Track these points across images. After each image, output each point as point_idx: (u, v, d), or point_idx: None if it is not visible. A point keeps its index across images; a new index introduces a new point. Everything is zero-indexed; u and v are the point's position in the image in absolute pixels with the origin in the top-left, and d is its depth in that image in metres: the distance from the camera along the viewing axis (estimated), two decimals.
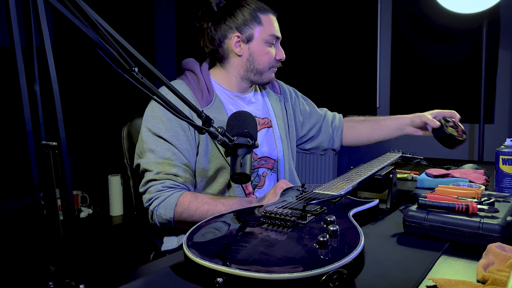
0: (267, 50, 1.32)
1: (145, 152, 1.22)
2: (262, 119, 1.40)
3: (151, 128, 1.23)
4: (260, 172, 1.36)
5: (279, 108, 1.46)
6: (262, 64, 1.33)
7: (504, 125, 2.62)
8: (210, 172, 1.27)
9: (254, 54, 1.31)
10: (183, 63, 1.38)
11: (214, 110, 1.27)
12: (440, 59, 2.78)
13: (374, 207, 0.98)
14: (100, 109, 3.36)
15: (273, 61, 1.34)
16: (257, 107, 1.42)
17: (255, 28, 1.30)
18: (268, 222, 0.81)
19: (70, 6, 0.63)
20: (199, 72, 1.33)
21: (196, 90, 1.29)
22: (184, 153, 1.22)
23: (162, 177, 1.19)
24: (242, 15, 1.30)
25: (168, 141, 1.21)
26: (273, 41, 1.33)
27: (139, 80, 0.73)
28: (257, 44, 1.31)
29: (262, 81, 1.37)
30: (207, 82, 1.32)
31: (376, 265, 0.74)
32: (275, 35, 1.33)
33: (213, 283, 0.63)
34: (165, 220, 1.19)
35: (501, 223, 0.81)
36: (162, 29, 3.98)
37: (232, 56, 1.33)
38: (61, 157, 0.60)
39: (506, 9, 2.55)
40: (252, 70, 1.33)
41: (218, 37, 1.31)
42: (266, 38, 1.31)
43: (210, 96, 1.29)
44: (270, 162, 1.39)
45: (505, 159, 1.15)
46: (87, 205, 2.86)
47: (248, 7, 1.31)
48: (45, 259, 0.61)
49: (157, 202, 1.18)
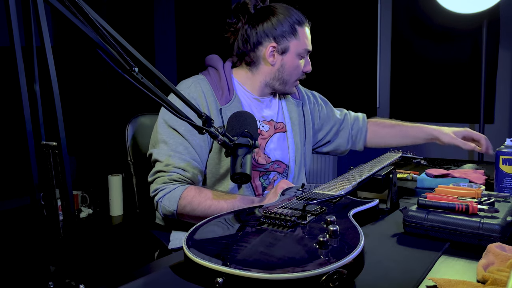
0: (298, 63, 1.34)
1: (159, 142, 1.24)
2: (277, 123, 1.41)
3: (167, 120, 1.24)
4: (271, 176, 1.37)
5: (297, 114, 1.45)
6: (290, 76, 1.34)
7: (504, 125, 2.62)
8: (222, 169, 1.28)
9: (286, 66, 1.32)
10: (206, 59, 1.38)
11: (232, 109, 1.27)
12: (440, 59, 2.78)
13: (374, 207, 0.98)
14: (100, 109, 3.36)
15: (301, 73, 1.36)
16: (274, 111, 1.43)
17: (291, 41, 1.30)
18: (268, 222, 0.81)
19: (70, 6, 0.63)
20: (221, 70, 1.33)
21: (216, 87, 1.30)
22: (196, 149, 1.23)
23: (170, 170, 1.20)
24: (281, 25, 1.29)
25: (182, 135, 1.22)
26: (305, 54, 1.35)
27: (139, 80, 0.73)
28: (291, 57, 1.32)
29: (285, 91, 1.39)
30: (229, 81, 1.32)
31: (376, 265, 0.74)
32: (307, 49, 1.34)
33: (213, 283, 0.63)
34: (168, 212, 1.20)
35: (501, 223, 0.81)
36: (162, 29, 3.98)
37: (263, 64, 1.33)
38: (61, 157, 0.60)
39: (506, 9, 2.55)
40: (279, 79, 1.34)
41: (253, 41, 1.30)
42: (300, 51, 1.32)
43: (230, 95, 1.30)
44: (282, 166, 1.39)
45: (505, 159, 1.15)
46: (87, 205, 2.86)
47: (287, 16, 1.30)
48: (45, 259, 0.61)
49: (162, 193, 1.20)
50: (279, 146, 1.39)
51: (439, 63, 2.78)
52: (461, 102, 2.73)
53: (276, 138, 1.39)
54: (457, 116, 2.75)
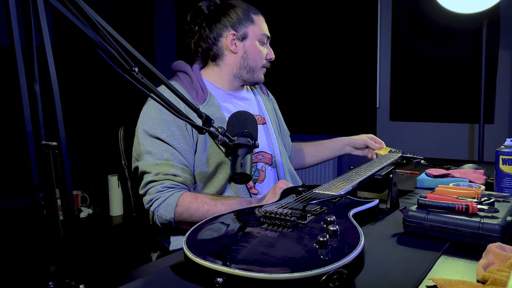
0: (259, 49, 1.38)
1: (143, 154, 1.23)
2: (256, 116, 1.42)
3: (147, 130, 1.23)
4: (259, 166, 1.38)
5: (270, 108, 1.52)
6: (255, 62, 1.38)
7: (504, 125, 2.62)
8: (210, 168, 1.27)
9: (249, 52, 1.37)
10: (173, 65, 1.41)
11: (210, 107, 1.30)
12: (440, 59, 2.78)
13: (374, 207, 0.98)
14: (100, 109, 3.36)
15: (264, 60, 1.40)
16: (251, 104, 1.46)
17: (248, 27, 1.36)
18: (268, 222, 0.80)
19: (70, 6, 0.63)
20: (191, 72, 1.36)
21: (190, 89, 1.32)
22: (182, 153, 1.22)
23: (161, 178, 1.19)
24: (236, 14, 1.35)
25: (165, 142, 1.21)
26: (265, 40, 1.40)
27: (139, 80, 0.73)
28: (251, 42, 1.37)
29: (254, 80, 1.42)
30: (200, 81, 1.35)
31: (376, 265, 0.74)
32: (266, 34, 1.39)
33: (213, 283, 0.63)
34: (165, 220, 1.19)
35: (501, 223, 0.81)
36: (162, 29, 3.98)
37: (227, 54, 1.37)
38: (61, 157, 0.60)
39: (506, 9, 2.55)
40: (245, 67, 1.38)
41: (213, 36, 1.35)
42: (258, 36, 1.37)
43: (204, 94, 1.32)
44: (267, 156, 1.41)
45: (505, 159, 1.15)
46: (87, 205, 2.86)
47: (241, 7, 1.37)
48: (45, 259, 0.61)
49: (157, 203, 1.18)
50: (261, 137, 1.42)
51: (439, 63, 2.78)
52: (461, 102, 2.72)
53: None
54: (457, 116, 2.75)
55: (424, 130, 2.87)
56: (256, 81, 1.42)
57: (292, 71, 3.26)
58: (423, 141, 2.88)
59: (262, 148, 1.40)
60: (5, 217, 2.64)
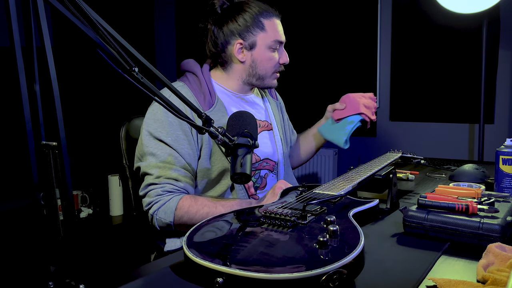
0: (270, 56, 1.31)
1: (146, 155, 1.22)
2: (263, 122, 1.41)
3: (152, 131, 1.22)
4: (262, 173, 1.37)
5: (277, 113, 1.48)
6: (264, 70, 1.33)
7: (504, 125, 2.62)
8: (213, 174, 1.26)
9: (257, 61, 1.31)
10: (182, 64, 1.36)
11: (217, 113, 1.26)
12: (440, 59, 2.78)
13: (374, 207, 0.98)
14: (100, 109, 3.36)
15: (277, 65, 1.34)
16: (259, 109, 1.43)
17: (257, 35, 1.29)
18: (268, 222, 0.80)
19: (70, 6, 0.63)
20: (200, 74, 1.32)
21: (198, 92, 1.28)
22: (185, 157, 1.21)
23: (162, 181, 1.18)
24: (244, 21, 1.27)
25: (169, 145, 1.20)
26: (277, 46, 1.32)
27: (139, 80, 0.73)
28: (260, 50, 1.30)
29: (264, 86, 1.38)
30: (209, 84, 1.31)
31: (376, 265, 0.74)
32: (278, 40, 1.31)
33: (213, 283, 0.63)
34: (165, 224, 1.18)
35: (501, 223, 0.81)
36: (162, 29, 3.98)
37: (234, 62, 1.32)
38: (61, 157, 0.60)
39: (506, 9, 2.55)
40: (254, 75, 1.33)
41: (221, 42, 1.30)
42: (269, 44, 1.30)
43: (212, 99, 1.28)
44: (271, 164, 1.39)
45: (505, 159, 1.15)
46: (87, 205, 2.86)
47: (250, 12, 1.28)
48: (45, 259, 0.61)
49: (156, 206, 1.18)
50: (267, 144, 1.39)
51: (439, 63, 2.78)
52: (461, 102, 2.72)
53: (263, 136, 1.39)
54: (457, 116, 2.75)
55: (424, 130, 2.87)
56: (267, 86, 1.38)
57: (292, 71, 3.26)
58: (423, 141, 2.88)
59: (267, 156, 1.37)
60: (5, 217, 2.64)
